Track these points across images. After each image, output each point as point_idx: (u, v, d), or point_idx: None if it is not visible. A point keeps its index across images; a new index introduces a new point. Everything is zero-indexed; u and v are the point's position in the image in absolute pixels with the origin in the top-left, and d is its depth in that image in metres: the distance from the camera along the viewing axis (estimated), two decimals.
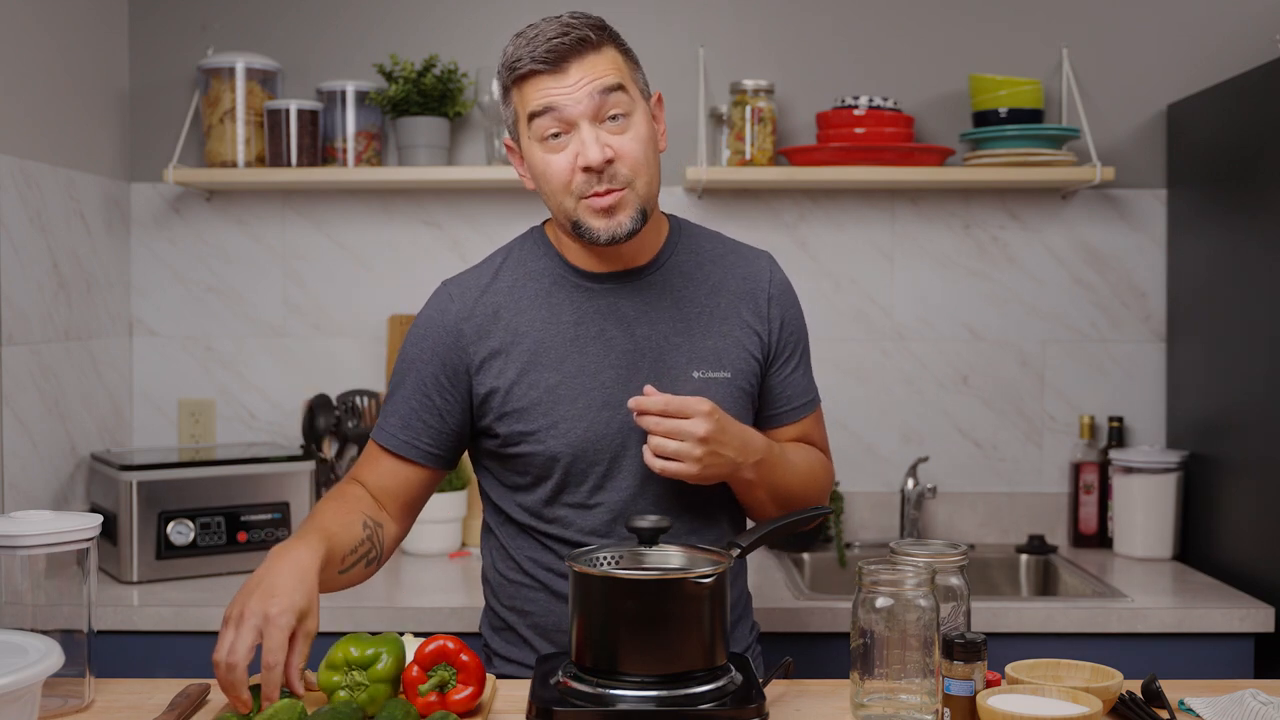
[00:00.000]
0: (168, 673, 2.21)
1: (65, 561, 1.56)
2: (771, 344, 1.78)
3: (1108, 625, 2.32)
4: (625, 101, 1.63)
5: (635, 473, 1.70)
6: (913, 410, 2.93)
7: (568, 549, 1.70)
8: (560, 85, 1.61)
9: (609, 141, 1.62)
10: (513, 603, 1.78)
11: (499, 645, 1.81)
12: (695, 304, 1.74)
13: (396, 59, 2.79)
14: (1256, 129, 2.45)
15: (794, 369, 1.80)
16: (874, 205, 2.92)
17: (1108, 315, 2.92)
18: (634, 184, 1.64)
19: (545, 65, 1.61)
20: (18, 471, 2.38)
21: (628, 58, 1.68)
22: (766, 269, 1.80)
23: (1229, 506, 2.56)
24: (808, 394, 1.83)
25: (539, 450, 1.68)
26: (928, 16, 2.91)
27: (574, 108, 1.61)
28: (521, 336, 1.70)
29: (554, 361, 1.69)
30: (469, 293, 1.75)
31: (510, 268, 1.77)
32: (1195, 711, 1.55)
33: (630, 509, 1.70)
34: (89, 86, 2.72)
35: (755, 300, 1.77)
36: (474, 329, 1.71)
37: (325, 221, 2.94)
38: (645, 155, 1.65)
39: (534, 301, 1.72)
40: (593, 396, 1.68)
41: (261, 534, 2.58)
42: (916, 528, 2.83)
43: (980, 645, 1.45)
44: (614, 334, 1.71)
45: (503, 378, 1.70)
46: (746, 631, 1.86)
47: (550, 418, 1.68)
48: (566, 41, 1.60)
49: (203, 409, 2.93)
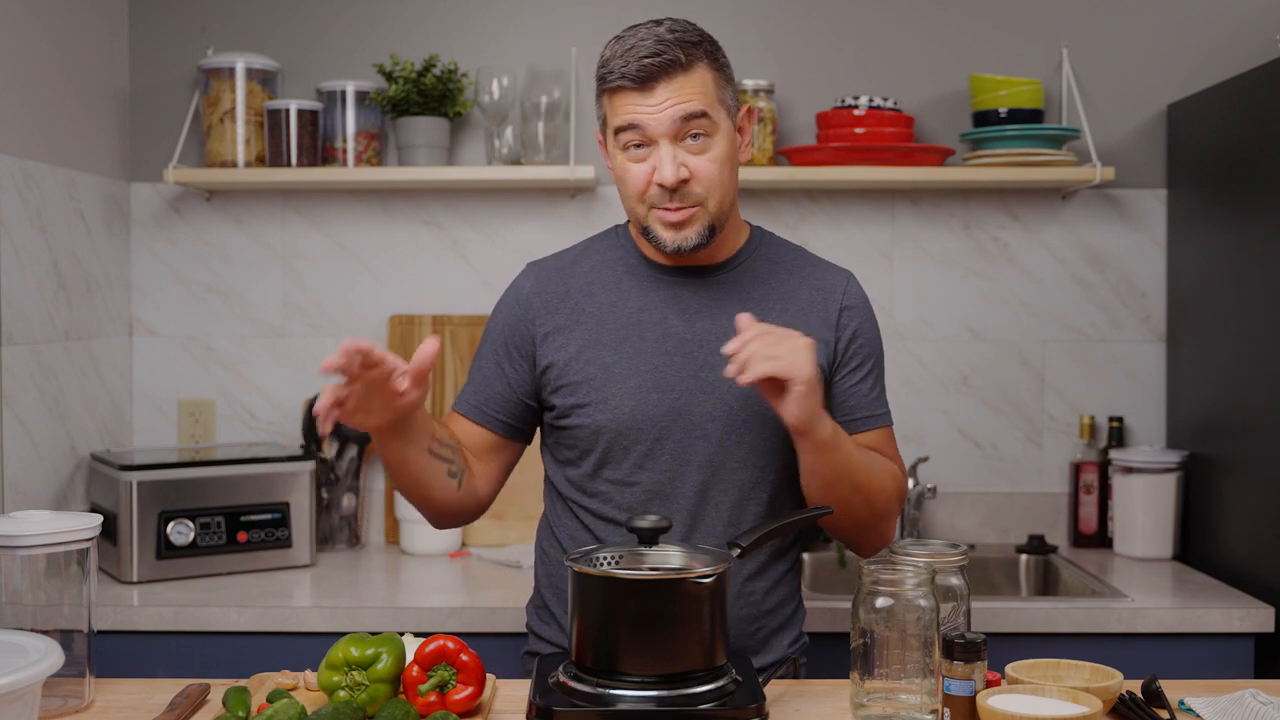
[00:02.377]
0: (168, 673, 2.22)
1: (65, 561, 1.56)
2: (838, 352, 1.80)
3: (1108, 625, 2.32)
4: (706, 124, 1.68)
5: (676, 456, 1.74)
6: (913, 410, 2.93)
7: (606, 526, 1.76)
8: (646, 104, 1.67)
9: (686, 161, 1.68)
10: (550, 580, 1.85)
11: (536, 625, 1.88)
12: (763, 306, 1.78)
13: (396, 59, 2.79)
14: (1256, 129, 2.45)
15: (861, 379, 1.81)
16: (874, 205, 2.92)
17: (1108, 315, 2.92)
18: (706, 203, 1.71)
19: (633, 83, 1.66)
20: (18, 471, 2.38)
21: (721, 74, 1.72)
22: (843, 283, 1.84)
23: (1229, 506, 2.56)
24: (877, 408, 1.83)
25: (586, 423, 1.75)
26: (928, 16, 2.91)
27: (656, 128, 1.67)
28: (586, 316, 1.79)
29: (613, 342, 1.76)
30: (545, 272, 1.85)
31: (590, 255, 1.86)
32: (1195, 711, 1.55)
33: (667, 491, 1.75)
34: (89, 86, 2.72)
35: (827, 310, 1.80)
36: (542, 304, 1.81)
37: (325, 221, 2.94)
38: (720, 176, 1.71)
39: (604, 286, 1.80)
40: (644, 378, 1.75)
41: (261, 534, 2.58)
42: (916, 528, 2.84)
43: (980, 645, 1.45)
44: (675, 323, 1.77)
45: (563, 352, 1.77)
46: (789, 641, 1.84)
47: (601, 394, 1.75)
48: (657, 63, 1.65)
49: (203, 409, 2.93)
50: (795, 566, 1.87)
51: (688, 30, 1.70)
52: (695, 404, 1.74)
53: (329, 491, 2.80)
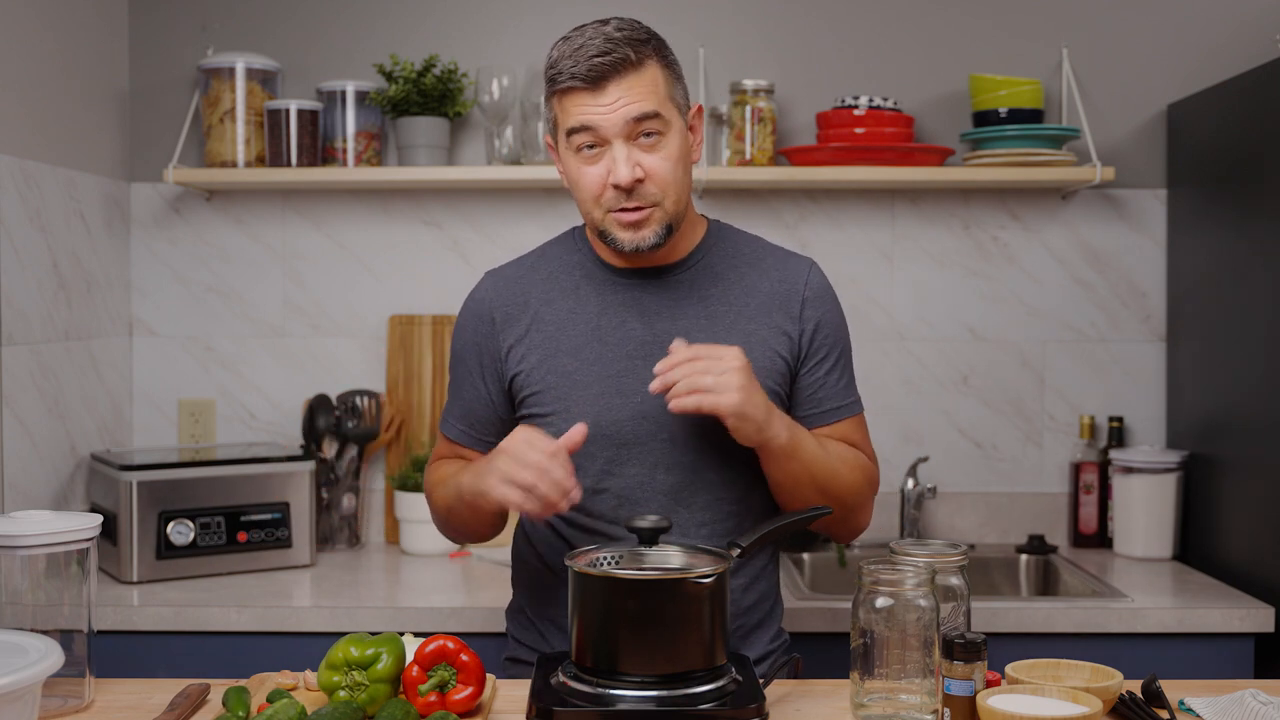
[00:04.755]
0: (168, 673, 2.21)
1: (65, 561, 1.56)
2: (803, 345, 1.78)
3: (1108, 625, 2.32)
4: (659, 124, 1.67)
5: (644, 460, 1.73)
6: (913, 410, 2.93)
7: (578, 534, 1.76)
8: (597, 104, 1.65)
9: (640, 160, 1.66)
10: (529, 588, 1.85)
11: (514, 629, 1.88)
12: (723, 303, 1.77)
13: (396, 59, 2.79)
14: (1256, 129, 2.45)
15: (828, 371, 1.80)
16: (874, 205, 2.92)
17: (1108, 315, 2.92)
18: (663, 202, 1.69)
19: (584, 83, 1.64)
20: (18, 471, 2.38)
21: (670, 71, 1.71)
22: (804, 273, 1.82)
23: (1229, 506, 2.56)
24: (845, 398, 1.81)
25: (551, 433, 1.72)
26: (928, 16, 2.91)
27: (609, 129, 1.65)
28: (546, 324, 1.77)
29: (574, 349, 1.75)
30: (503, 282, 1.84)
31: (546, 261, 1.84)
32: (1195, 711, 1.55)
33: (637, 495, 1.73)
34: (89, 86, 2.72)
35: (789, 303, 1.79)
36: (504, 316, 1.80)
37: (325, 221, 2.94)
38: (675, 174, 1.69)
39: (563, 293, 1.79)
40: (606, 384, 1.73)
41: (261, 534, 2.58)
42: (916, 528, 2.83)
43: (980, 645, 1.45)
44: (634, 326, 1.76)
45: (525, 362, 1.77)
46: (769, 639, 1.85)
47: (564, 402, 1.74)
48: (607, 61, 1.63)
49: (203, 409, 2.93)
50: (772, 563, 1.86)
51: (635, 28, 1.68)
52: (659, 407, 1.69)
53: (329, 491, 2.80)
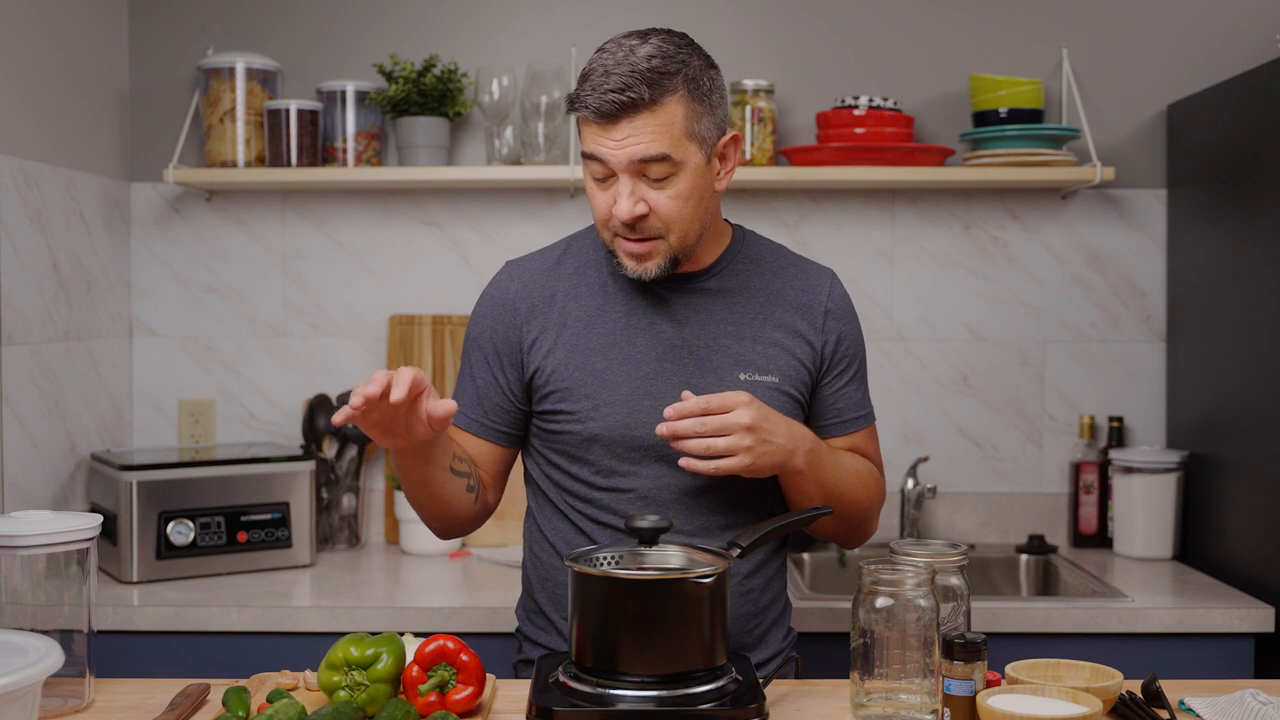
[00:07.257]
0: (168, 673, 2.22)
1: (65, 561, 1.56)
2: (825, 356, 1.80)
3: (1108, 625, 2.32)
4: (668, 166, 1.64)
5: (669, 461, 1.73)
6: (913, 410, 2.93)
7: (601, 530, 1.76)
8: (608, 138, 1.64)
9: (645, 195, 1.66)
10: (544, 584, 1.83)
11: (530, 630, 1.86)
12: (748, 310, 1.78)
13: (396, 59, 2.79)
14: (1256, 129, 2.45)
15: (847, 383, 1.82)
16: (874, 205, 2.92)
17: (1108, 315, 2.92)
18: (667, 237, 1.69)
19: (596, 117, 1.64)
20: (18, 471, 2.38)
21: (699, 104, 1.65)
22: (826, 284, 1.83)
23: (1229, 506, 2.56)
24: (861, 409, 1.84)
25: (577, 430, 1.74)
26: (928, 16, 2.91)
27: (615, 163, 1.65)
28: (573, 320, 1.77)
29: (602, 347, 1.75)
30: (529, 274, 1.82)
31: (573, 255, 1.83)
32: (1195, 711, 1.55)
33: (661, 496, 1.74)
34: (89, 86, 2.72)
35: (811, 312, 1.80)
36: (528, 308, 1.79)
37: (325, 221, 2.94)
38: (682, 211, 1.67)
39: (591, 289, 1.79)
40: (635, 384, 1.73)
41: (261, 534, 2.58)
42: (916, 528, 2.83)
43: (980, 645, 1.45)
44: (664, 328, 1.76)
45: (551, 358, 1.76)
46: (783, 635, 1.86)
47: (593, 400, 1.73)
48: (621, 99, 1.61)
49: (203, 409, 2.93)
50: (784, 562, 1.89)
51: (670, 57, 1.63)
52: None
53: (329, 491, 2.80)
